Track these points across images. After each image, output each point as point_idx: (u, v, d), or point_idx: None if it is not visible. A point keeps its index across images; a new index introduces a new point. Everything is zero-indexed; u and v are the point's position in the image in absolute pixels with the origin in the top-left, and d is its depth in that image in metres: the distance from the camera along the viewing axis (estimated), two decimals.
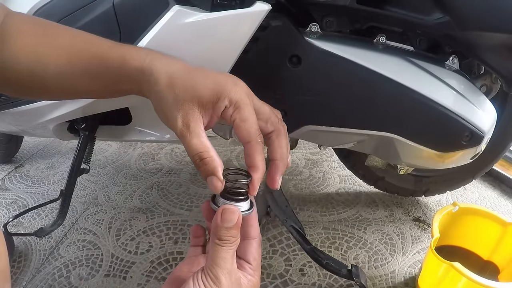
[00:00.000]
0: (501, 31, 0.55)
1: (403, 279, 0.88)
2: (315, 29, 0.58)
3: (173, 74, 0.36)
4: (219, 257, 0.33)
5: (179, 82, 0.36)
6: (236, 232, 0.34)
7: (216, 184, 0.34)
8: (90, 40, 0.41)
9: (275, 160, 0.37)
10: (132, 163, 1.37)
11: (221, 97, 0.35)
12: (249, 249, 0.37)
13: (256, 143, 0.36)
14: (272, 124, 0.38)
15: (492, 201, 1.20)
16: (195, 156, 0.34)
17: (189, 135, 0.34)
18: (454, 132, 0.61)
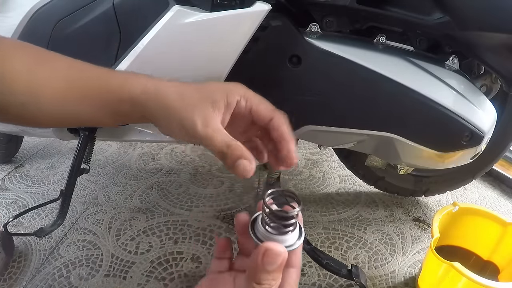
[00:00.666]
0: (501, 31, 0.55)
1: (403, 279, 0.88)
2: (315, 29, 0.58)
3: (180, 89, 0.37)
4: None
5: (189, 93, 0.37)
6: (278, 274, 0.29)
7: (245, 166, 0.33)
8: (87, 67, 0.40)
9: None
10: (132, 163, 1.37)
11: (230, 95, 0.37)
12: (288, 280, 0.32)
13: (279, 115, 0.38)
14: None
15: (492, 201, 1.20)
16: (222, 147, 0.34)
17: (213, 133, 0.34)
18: (454, 132, 0.61)
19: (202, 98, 0.36)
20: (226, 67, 0.55)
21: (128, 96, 0.37)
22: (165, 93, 0.37)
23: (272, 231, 0.30)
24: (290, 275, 0.33)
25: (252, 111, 0.38)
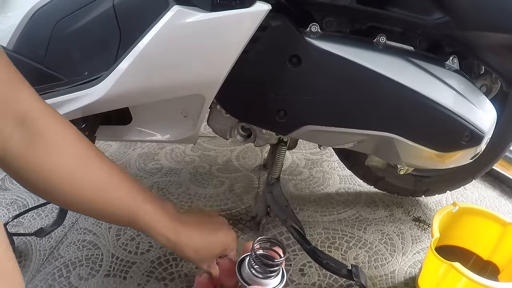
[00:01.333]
0: (501, 31, 0.55)
1: (403, 279, 0.88)
2: (315, 29, 0.58)
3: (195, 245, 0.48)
4: None
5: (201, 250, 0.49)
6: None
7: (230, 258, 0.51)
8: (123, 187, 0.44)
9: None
10: (132, 163, 1.37)
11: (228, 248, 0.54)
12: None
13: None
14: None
15: (492, 201, 1.20)
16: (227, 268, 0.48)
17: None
18: (454, 132, 0.61)
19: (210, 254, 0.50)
20: (226, 67, 0.55)
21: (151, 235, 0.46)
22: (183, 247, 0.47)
23: (257, 274, 0.33)
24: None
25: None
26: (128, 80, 0.56)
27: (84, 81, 0.62)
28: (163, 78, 0.56)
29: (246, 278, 0.33)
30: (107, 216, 0.44)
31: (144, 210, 0.44)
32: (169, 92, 0.59)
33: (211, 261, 0.51)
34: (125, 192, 0.43)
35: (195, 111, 0.66)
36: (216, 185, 1.22)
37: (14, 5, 0.65)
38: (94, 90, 0.59)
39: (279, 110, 0.63)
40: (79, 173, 0.39)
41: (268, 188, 0.89)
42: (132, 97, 0.60)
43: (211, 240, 0.51)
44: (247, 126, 0.73)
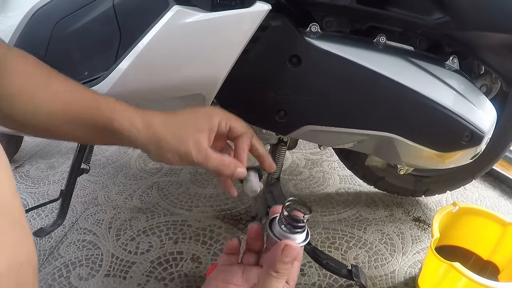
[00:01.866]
0: (501, 31, 0.55)
1: (403, 279, 0.88)
2: (315, 29, 0.58)
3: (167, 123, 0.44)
4: (272, 286, 0.35)
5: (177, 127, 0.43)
6: (291, 265, 0.36)
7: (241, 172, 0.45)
8: (84, 90, 0.44)
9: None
10: (132, 163, 1.37)
11: (211, 121, 0.44)
12: (291, 271, 0.38)
13: (251, 132, 0.48)
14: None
15: (492, 201, 1.20)
16: (216, 167, 0.43)
17: (206, 158, 0.43)
18: (454, 132, 0.61)
19: (190, 127, 0.43)
20: (226, 67, 0.55)
21: (117, 129, 0.42)
22: (155, 128, 0.43)
23: (286, 231, 0.37)
24: (294, 267, 0.39)
25: (231, 128, 0.46)
26: (128, 80, 0.56)
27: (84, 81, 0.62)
28: (163, 78, 0.56)
29: (278, 235, 0.37)
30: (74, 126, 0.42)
31: (108, 103, 0.43)
32: (169, 92, 0.59)
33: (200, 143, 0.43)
34: (88, 94, 0.43)
35: None
36: (216, 185, 1.22)
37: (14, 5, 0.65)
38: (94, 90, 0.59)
39: (279, 110, 0.63)
40: (41, 90, 0.41)
41: (268, 188, 0.89)
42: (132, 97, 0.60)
43: (192, 114, 0.45)
44: None
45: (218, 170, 0.43)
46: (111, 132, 0.42)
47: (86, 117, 0.42)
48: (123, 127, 0.42)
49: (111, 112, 0.42)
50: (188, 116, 0.45)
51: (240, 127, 0.47)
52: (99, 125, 0.42)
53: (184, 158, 0.43)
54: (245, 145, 0.47)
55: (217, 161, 0.43)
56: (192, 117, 0.45)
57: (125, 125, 0.42)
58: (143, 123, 0.42)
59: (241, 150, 0.47)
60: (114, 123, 0.42)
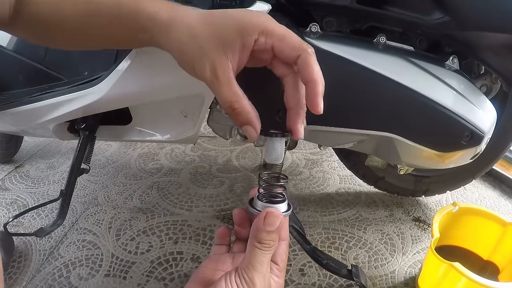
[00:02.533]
0: (501, 31, 0.55)
1: (403, 279, 0.88)
2: (315, 29, 0.58)
3: (192, 23, 0.35)
4: (257, 260, 0.33)
5: (200, 31, 0.35)
6: (276, 236, 0.34)
7: (251, 132, 0.35)
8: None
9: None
10: (132, 163, 1.37)
11: (245, 34, 0.33)
12: (278, 251, 0.37)
13: (307, 53, 0.34)
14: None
15: (492, 201, 1.20)
16: (226, 106, 0.34)
17: (219, 84, 0.34)
18: (454, 132, 0.61)
19: (213, 39, 0.34)
20: None
21: (141, 27, 0.37)
22: (176, 30, 0.35)
23: (267, 203, 0.36)
24: (281, 246, 0.37)
25: (274, 48, 0.34)
26: (128, 80, 0.56)
27: (84, 81, 0.62)
28: (163, 78, 0.56)
29: (259, 208, 0.36)
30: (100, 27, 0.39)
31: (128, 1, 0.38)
32: (169, 92, 0.59)
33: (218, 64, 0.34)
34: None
35: (195, 111, 0.66)
36: (216, 185, 1.22)
37: None
38: (94, 90, 0.59)
39: (279, 109, 0.63)
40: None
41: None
42: (132, 97, 0.60)
43: (225, 20, 0.34)
44: None
45: (227, 111, 0.35)
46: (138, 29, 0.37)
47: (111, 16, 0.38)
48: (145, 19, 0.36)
49: (135, 5, 0.37)
50: (218, 22, 0.35)
51: (289, 49, 0.34)
52: (124, 22, 0.38)
53: (199, 74, 0.35)
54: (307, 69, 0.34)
55: (227, 99, 0.34)
56: (222, 23, 0.34)
57: (146, 16, 0.36)
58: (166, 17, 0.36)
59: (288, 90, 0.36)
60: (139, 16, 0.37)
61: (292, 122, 0.37)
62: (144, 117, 0.71)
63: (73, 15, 0.39)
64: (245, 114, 0.34)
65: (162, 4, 0.37)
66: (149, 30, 0.37)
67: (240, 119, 0.34)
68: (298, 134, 0.37)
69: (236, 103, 0.34)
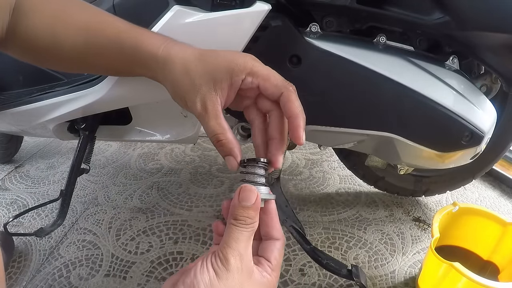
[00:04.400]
0: (501, 31, 0.55)
1: (403, 279, 0.88)
2: (315, 29, 0.58)
3: (187, 60, 0.38)
4: (232, 237, 0.33)
5: (194, 67, 0.38)
6: (253, 213, 0.33)
7: (232, 163, 0.37)
8: (106, 21, 0.43)
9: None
10: (132, 163, 1.37)
11: (234, 75, 0.37)
12: (271, 248, 0.37)
13: (289, 90, 0.37)
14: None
15: (492, 201, 1.20)
16: (212, 137, 0.37)
17: (207, 117, 0.37)
18: (454, 132, 0.61)
19: (205, 76, 0.37)
20: None
21: (139, 62, 0.40)
22: (172, 66, 0.38)
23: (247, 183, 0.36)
24: (274, 244, 0.37)
25: (259, 87, 0.37)
26: (128, 80, 0.56)
27: (84, 81, 0.62)
28: None
29: None
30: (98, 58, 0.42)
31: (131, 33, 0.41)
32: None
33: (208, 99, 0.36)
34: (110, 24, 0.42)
35: None
36: (216, 185, 1.22)
37: None
38: (94, 90, 0.59)
39: None
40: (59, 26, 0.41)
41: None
42: (132, 97, 0.60)
43: (218, 59, 0.38)
44: (247, 126, 0.73)
45: (213, 142, 0.38)
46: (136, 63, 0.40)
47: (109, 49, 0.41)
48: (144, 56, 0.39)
49: (135, 41, 0.40)
50: (210, 61, 0.38)
51: (273, 88, 0.37)
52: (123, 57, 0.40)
53: (190, 107, 0.38)
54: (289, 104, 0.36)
55: (214, 131, 0.37)
56: (214, 62, 0.37)
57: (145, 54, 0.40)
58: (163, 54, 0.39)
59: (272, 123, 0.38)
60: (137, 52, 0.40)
61: (274, 153, 0.39)
62: (144, 117, 0.71)
63: (71, 47, 0.41)
64: (229, 146, 0.37)
65: (160, 40, 0.41)
66: (148, 66, 0.40)
67: (224, 150, 0.37)
68: (278, 164, 0.39)
69: (222, 135, 0.37)
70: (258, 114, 0.40)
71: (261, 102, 0.40)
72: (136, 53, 0.40)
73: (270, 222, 0.37)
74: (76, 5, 0.43)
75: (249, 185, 0.34)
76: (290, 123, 0.37)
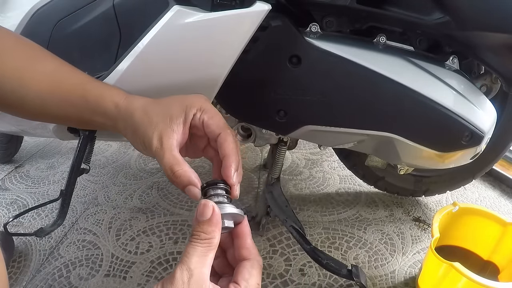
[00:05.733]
0: (501, 31, 0.55)
1: (403, 279, 0.88)
2: (315, 29, 0.58)
3: (145, 105, 0.41)
4: (184, 253, 0.32)
5: (152, 109, 0.40)
6: (208, 228, 0.33)
7: (193, 191, 0.37)
8: (72, 71, 0.44)
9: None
10: (132, 163, 1.37)
11: (188, 109, 0.39)
12: (240, 269, 0.35)
13: (227, 132, 0.39)
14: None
15: (492, 201, 1.20)
16: (168, 170, 0.37)
17: (162, 151, 0.37)
18: (454, 132, 0.61)
19: (162, 114, 0.39)
20: (226, 67, 0.55)
21: (102, 111, 0.42)
22: (133, 111, 0.41)
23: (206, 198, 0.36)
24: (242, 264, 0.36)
25: (204, 123, 0.40)
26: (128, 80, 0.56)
27: None
28: (163, 78, 0.56)
29: None
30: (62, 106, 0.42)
31: (95, 84, 0.43)
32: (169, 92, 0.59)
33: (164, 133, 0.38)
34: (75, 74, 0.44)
35: None
36: None
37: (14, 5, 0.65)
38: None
39: (279, 110, 0.63)
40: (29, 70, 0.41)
41: (268, 188, 0.89)
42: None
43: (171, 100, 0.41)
44: (247, 126, 0.73)
45: (168, 176, 0.37)
46: (96, 113, 0.42)
47: (72, 99, 0.42)
48: (107, 105, 0.41)
49: (96, 92, 0.42)
50: (167, 102, 0.41)
51: (214, 126, 0.39)
52: (85, 107, 0.42)
53: (148, 146, 0.38)
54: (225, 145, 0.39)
55: (168, 163, 0.37)
56: (170, 102, 0.40)
57: (108, 104, 0.41)
58: (126, 107, 0.41)
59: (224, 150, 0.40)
60: (99, 103, 0.41)
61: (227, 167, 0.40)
62: None
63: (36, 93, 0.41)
64: (186, 176, 0.37)
65: (121, 93, 0.43)
66: (110, 115, 0.42)
67: (181, 180, 0.37)
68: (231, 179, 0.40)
69: (177, 165, 0.37)
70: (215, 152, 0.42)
71: (207, 151, 0.43)
72: (100, 102, 0.42)
73: (243, 243, 0.37)
74: (45, 55, 0.44)
75: (205, 200, 0.34)
76: (223, 161, 0.39)
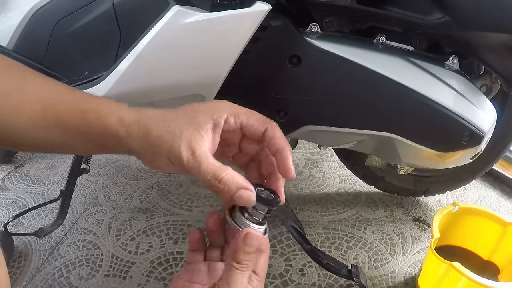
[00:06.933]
0: (501, 31, 0.55)
1: (403, 279, 0.88)
2: (315, 29, 0.58)
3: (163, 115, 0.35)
4: (234, 281, 0.33)
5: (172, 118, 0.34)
6: (254, 255, 0.34)
7: (247, 195, 0.32)
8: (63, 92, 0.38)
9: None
10: (132, 163, 1.37)
11: (216, 115, 0.35)
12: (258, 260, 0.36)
13: (272, 125, 0.36)
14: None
15: (492, 201, 1.20)
16: (211, 180, 0.32)
17: (197, 161, 0.32)
18: (454, 132, 0.61)
19: (187, 123, 0.33)
20: (226, 67, 0.55)
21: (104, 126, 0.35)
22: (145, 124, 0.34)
23: (249, 223, 0.34)
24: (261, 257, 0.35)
25: (242, 126, 0.36)
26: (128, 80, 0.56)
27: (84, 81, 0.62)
28: (163, 78, 0.56)
29: (241, 224, 0.34)
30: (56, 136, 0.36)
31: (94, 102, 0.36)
32: (169, 92, 0.59)
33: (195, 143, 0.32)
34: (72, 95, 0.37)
35: None
36: None
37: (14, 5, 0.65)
38: (94, 90, 0.59)
39: (279, 110, 0.63)
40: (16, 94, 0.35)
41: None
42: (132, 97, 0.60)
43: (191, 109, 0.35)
44: None
45: (212, 185, 0.32)
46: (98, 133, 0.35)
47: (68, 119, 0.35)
48: (111, 122, 0.34)
49: (97, 109, 0.35)
50: (186, 111, 0.35)
51: (257, 124, 0.35)
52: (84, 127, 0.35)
53: (175, 160, 0.32)
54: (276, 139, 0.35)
55: (210, 171, 0.32)
56: (191, 111, 0.35)
57: (112, 120, 0.34)
58: (133, 118, 0.35)
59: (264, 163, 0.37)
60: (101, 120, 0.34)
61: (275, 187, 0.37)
62: None
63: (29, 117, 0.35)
64: (235, 180, 0.32)
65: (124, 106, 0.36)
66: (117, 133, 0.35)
67: (231, 186, 0.32)
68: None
69: (221, 171, 0.32)
70: (259, 145, 0.38)
71: (245, 147, 0.38)
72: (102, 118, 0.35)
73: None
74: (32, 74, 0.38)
75: (255, 233, 0.33)
76: (278, 156, 0.35)
